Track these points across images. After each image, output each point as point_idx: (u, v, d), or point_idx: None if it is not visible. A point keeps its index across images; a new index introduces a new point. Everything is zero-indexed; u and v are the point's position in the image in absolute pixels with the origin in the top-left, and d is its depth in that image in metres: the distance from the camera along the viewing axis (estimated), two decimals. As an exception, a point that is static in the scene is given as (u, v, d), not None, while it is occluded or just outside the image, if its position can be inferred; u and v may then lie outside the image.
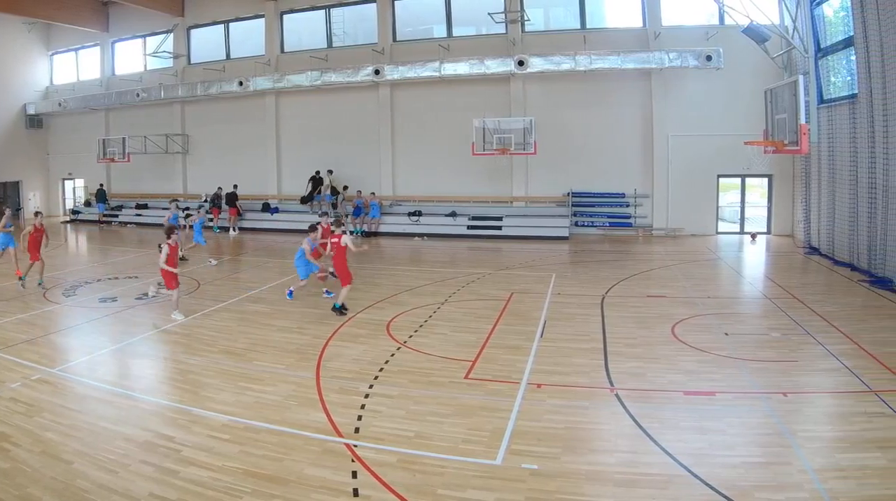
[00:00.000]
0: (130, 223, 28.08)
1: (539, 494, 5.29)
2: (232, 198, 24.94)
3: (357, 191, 23.90)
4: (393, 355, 9.08)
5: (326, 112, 25.81)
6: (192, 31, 28.65)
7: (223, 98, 27.14)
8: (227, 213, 24.71)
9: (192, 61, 28.68)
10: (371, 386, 7.80)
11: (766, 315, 11.42)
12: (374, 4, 24.75)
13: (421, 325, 10.70)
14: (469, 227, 22.97)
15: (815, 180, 17.55)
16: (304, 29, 26.76)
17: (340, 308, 11.34)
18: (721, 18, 20.64)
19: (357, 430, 6.55)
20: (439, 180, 24.26)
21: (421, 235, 22.81)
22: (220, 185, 25.50)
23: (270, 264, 17.52)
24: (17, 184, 31.32)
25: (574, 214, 22.64)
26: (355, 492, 5.33)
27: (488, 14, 21.80)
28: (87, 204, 30.33)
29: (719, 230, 22.11)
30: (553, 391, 7.59)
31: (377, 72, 23.29)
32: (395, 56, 24.35)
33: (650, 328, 10.36)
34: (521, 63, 21.48)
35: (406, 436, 6.41)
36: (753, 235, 21.31)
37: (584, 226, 22.59)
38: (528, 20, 22.46)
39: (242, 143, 27.42)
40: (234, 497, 5.28)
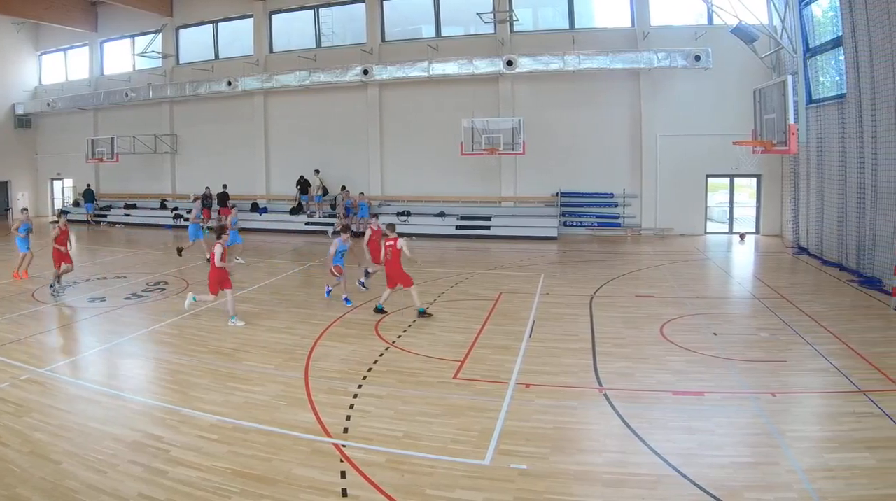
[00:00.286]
0: (119, 223, 27.98)
1: (528, 494, 5.29)
2: (224, 198, 24.83)
3: (346, 191, 23.86)
4: (381, 355, 9.08)
5: (315, 112, 25.77)
6: (181, 31, 28.53)
7: (212, 98, 27.04)
8: (216, 214, 24.48)
9: (180, 61, 28.55)
10: (360, 387, 7.78)
11: (755, 315, 11.48)
12: (363, 4, 24.71)
13: (409, 325, 10.69)
14: (458, 227, 22.97)
15: (804, 180, 17.66)
16: (293, 29, 26.70)
17: (381, 308, 11.42)
18: (710, 18, 20.72)
19: (346, 430, 6.54)
20: (428, 180, 24.25)
21: (409, 235, 22.64)
22: (208, 185, 25.41)
23: (260, 264, 17.46)
24: (5, 185, 31.20)
25: (563, 214, 22.68)
26: (344, 492, 5.32)
27: (477, 14, 21.78)
28: (76, 204, 30.12)
29: (708, 230, 22.20)
30: (542, 391, 7.60)
31: (366, 72, 23.27)
32: (383, 56, 24.32)
33: (639, 328, 10.39)
34: (509, 63, 21.50)
35: (395, 436, 6.40)
36: (742, 235, 21.41)
37: (572, 226, 22.63)
38: (517, 20, 22.47)
39: (231, 143, 27.34)
40: (222, 497, 5.26)
